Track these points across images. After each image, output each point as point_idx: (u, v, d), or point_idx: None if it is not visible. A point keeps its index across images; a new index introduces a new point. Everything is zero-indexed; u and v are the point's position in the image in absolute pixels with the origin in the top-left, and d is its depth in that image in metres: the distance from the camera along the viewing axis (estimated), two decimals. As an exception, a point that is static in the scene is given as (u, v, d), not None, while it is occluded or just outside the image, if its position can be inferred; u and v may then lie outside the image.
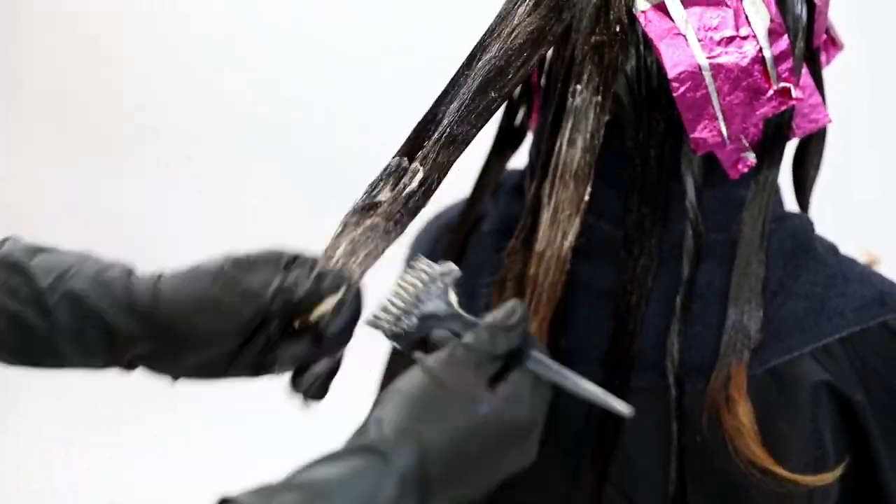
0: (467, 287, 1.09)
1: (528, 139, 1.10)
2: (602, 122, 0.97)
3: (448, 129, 0.95)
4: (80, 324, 0.85)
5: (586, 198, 0.97)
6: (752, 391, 0.99)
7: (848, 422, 1.01)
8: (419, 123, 0.97)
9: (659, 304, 1.01)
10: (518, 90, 1.06)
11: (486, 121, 0.96)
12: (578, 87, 0.97)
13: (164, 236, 2.50)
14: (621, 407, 0.85)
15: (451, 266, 0.89)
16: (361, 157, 2.46)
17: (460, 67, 0.97)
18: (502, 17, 0.97)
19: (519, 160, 1.11)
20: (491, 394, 0.77)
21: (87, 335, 0.86)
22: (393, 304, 0.87)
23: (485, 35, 0.97)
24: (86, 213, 2.67)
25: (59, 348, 0.86)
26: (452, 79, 0.97)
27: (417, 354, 0.83)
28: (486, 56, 0.96)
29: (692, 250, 1.00)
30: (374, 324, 0.87)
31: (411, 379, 0.77)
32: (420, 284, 0.87)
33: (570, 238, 0.97)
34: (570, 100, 0.97)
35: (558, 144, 0.98)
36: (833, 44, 1.10)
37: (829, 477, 0.99)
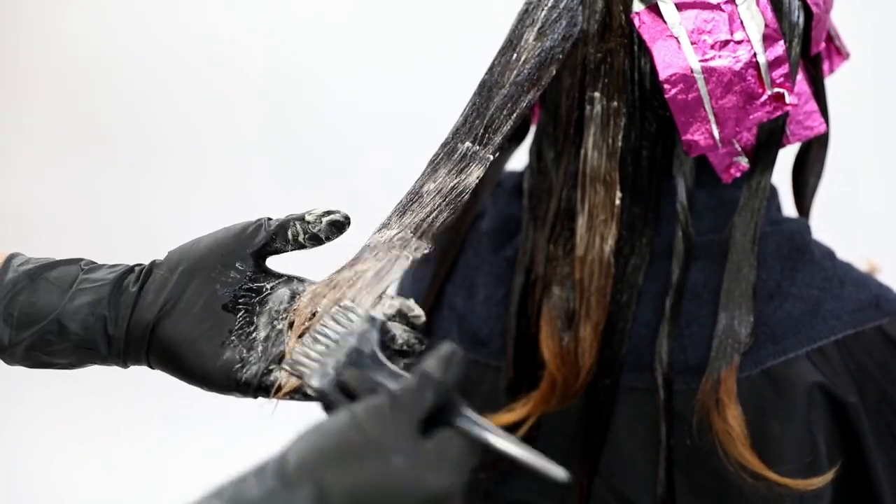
0: (466, 285, 1.11)
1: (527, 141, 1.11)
2: (621, 126, 0.99)
3: (467, 154, 0.95)
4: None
5: (618, 202, 0.99)
6: (747, 392, 1.00)
7: (841, 424, 1.02)
8: (438, 154, 0.96)
9: (654, 304, 1.02)
10: None
11: (503, 144, 0.96)
12: (596, 94, 0.99)
13: (163, 236, 2.51)
14: (557, 472, 0.73)
15: (376, 312, 0.84)
16: (366, 160, 2.48)
17: (472, 97, 0.97)
18: (510, 43, 0.98)
19: (518, 161, 1.12)
20: (411, 449, 0.69)
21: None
22: (313, 350, 0.81)
23: (494, 62, 0.98)
24: (85, 212, 2.69)
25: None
26: (467, 108, 0.97)
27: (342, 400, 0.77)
28: (499, 85, 0.97)
29: (682, 252, 1.01)
30: (293, 368, 0.82)
31: (334, 418, 0.71)
32: (344, 330, 0.80)
33: (610, 241, 1.00)
34: (589, 108, 0.99)
35: (583, 152, 0.99)
36: (838, 53, 1.10)
37: (819, 481, 0.99)
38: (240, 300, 0.87)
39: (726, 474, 0.99)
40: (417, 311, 0.86)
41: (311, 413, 0.89)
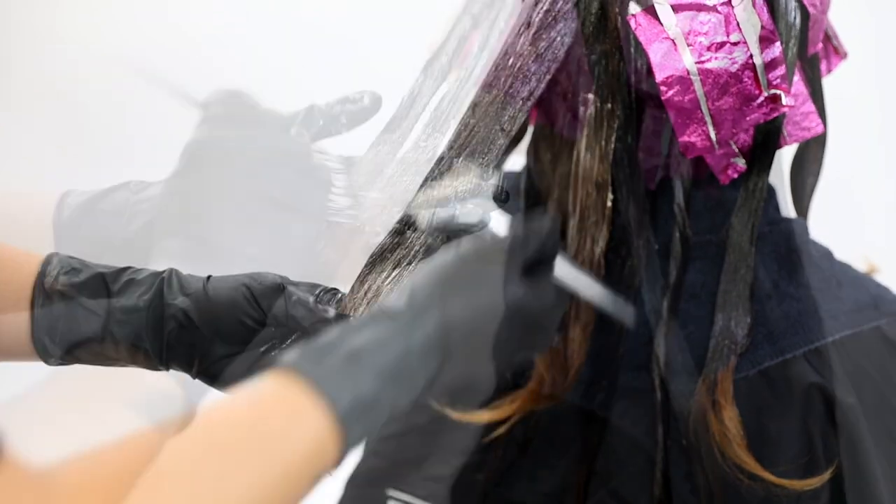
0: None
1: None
2: (614, 129, 0.98)
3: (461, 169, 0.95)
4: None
5: (609, 203, 0.99)
6: (744, 392, 1.00)
7: (839, 425, 1.01)
8: (433, 171, 0.96)
9: (651, 304, 1.02)
10: None
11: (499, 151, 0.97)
12: (590, 96, 0.99)
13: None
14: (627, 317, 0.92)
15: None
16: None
17: (468, 110, 0.98)
18: (505, 52, 0.98)
19: (515, 162, 1.11)
20: (518, 280, 0.78)
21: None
22: (430, 196, 0.90)
23: (489, 70, 0.98)
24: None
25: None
26: (462, 121, 0.97)
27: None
28: (492, 95, 0.97)
29: (679, 253, 1.01)
30: (410, 213, 0.90)
31: (444, 255, 0.78)
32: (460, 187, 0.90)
33: (601, 243, 0.99)
34: (583, 109, 0.99)
35: (576, 153, 0.99)
36: (836, 53, 1.10)
37: (816, 481, 0.99)
38: None
39: (723, 475, 0.99)
40: None
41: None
